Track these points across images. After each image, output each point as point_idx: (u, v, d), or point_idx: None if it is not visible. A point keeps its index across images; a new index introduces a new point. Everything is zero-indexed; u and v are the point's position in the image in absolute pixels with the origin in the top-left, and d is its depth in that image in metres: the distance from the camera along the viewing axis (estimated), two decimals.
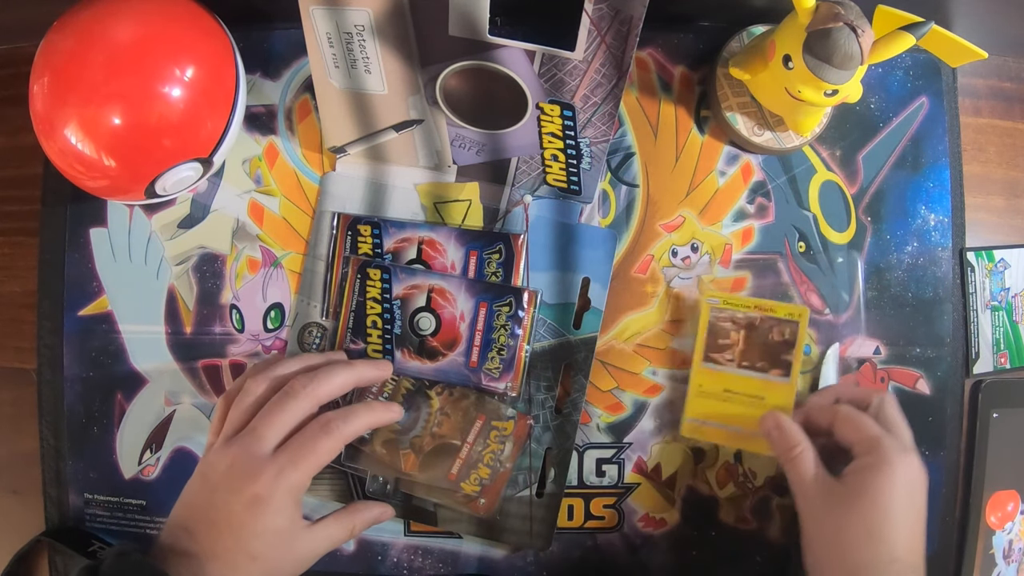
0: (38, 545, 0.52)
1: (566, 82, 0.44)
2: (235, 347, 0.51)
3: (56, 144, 0.43)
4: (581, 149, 0.47)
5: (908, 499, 0.40)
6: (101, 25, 0.42)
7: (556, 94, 0.44)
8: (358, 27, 0.43)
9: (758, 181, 0.51)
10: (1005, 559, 0.53)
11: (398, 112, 0.47)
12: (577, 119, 0.46)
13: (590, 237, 0.50)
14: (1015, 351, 0.53)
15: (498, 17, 0.42)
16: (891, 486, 0.40)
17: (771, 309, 0.49)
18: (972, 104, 0.54)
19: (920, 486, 0.41)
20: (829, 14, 0.39)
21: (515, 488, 0.49)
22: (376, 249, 0.50)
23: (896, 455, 0.41)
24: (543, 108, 0.45)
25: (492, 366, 0.48)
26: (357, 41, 0.44)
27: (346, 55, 0.44)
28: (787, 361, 0.48)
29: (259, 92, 0.51)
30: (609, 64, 0.42)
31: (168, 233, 0.52)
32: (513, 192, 0.50)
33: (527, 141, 0.48)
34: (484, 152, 0.49)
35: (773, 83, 0.45)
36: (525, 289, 0.49)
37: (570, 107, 0.45)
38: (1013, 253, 0.54)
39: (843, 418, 0.43)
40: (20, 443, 0.53)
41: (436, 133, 0.48)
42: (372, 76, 0.45)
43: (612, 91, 0.44)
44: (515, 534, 0.49)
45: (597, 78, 0.43)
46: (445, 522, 0.50)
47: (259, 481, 0.39)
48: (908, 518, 0.40)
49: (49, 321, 0.52)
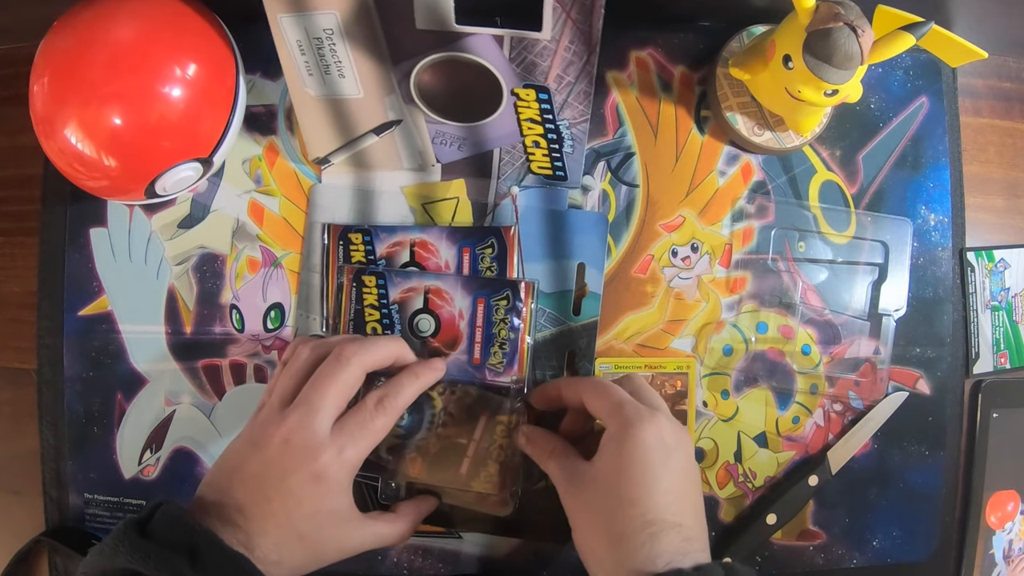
0: (38, 545, 0.52)
1: (538, 64, 0.43)
2: (235, 347, 0.51)
3: (56, 144, 0.43)
4: (561, 132, 0.47)
5: (659, 458, 0.38)
6: (101, 25, 0.42)
7: (529, 77, 0.44)
8: (327, 31, 0.43)
9: (758, 181, 0.51)
10: (1005, 559, 0.53)
11: (376, 114, 0.47)
12: (553, 101, 0.46)
13: (581, 222, 0.50)
14: (1015, 351, 0.53)
15: (463, 5, 0.42)
16: (636, 448, 0.38)
17: (660, 366, 0.50)
18: (972, 104, 0.54)
19: (674, 443, 0.39)
20: (829, 14, 0.39)
21: (531, 481, 0.48)
22: (369, 256, 0.50)
23: (638, 417, 0.39)
24: (518, 94, 0.45)
25: (495, 361, 0.48)
26: (328, 45, 0.44)
27: (318, 61, 0.44)
28: (682, 411, 0.50)
29: (259, 92, 0.51)
30: (578, 41, 0.42)
31: (168, 233, 0.52)
32: (500, 185, 0.50)
33: (507, 130, 0.48)
34: (466, 146, 0.49)
35: (773, 83, 0.45)
36: (521, 281, 0.48)
37: (545, 89, 0.45)
38: (1013, 253, 0.54)
39: (589, 388, 0.43)
40: (20, 443, 0.53)
41: (416, 132, 0.48)
42: (346, 80, 0.45)
43: (584, 68, 0.44)
44: (535, 528, 0.49)
45: (568, 56, 0.43)
46: (461, 523, 0.49)
47: (320, 460, 0.38)
48: (662, 478, 0.38)
49: (49, 321, 0.52)
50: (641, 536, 0.37)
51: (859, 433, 0.51)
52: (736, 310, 0.51)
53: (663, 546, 0.37)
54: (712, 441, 0.51)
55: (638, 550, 0.37)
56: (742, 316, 0.51)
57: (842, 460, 0.51)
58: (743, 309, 0.51)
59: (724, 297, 0.51)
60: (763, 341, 0.51)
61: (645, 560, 0.36)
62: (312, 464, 0.38)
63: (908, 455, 0.51)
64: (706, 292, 0.51)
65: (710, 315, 0.51)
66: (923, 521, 0.52)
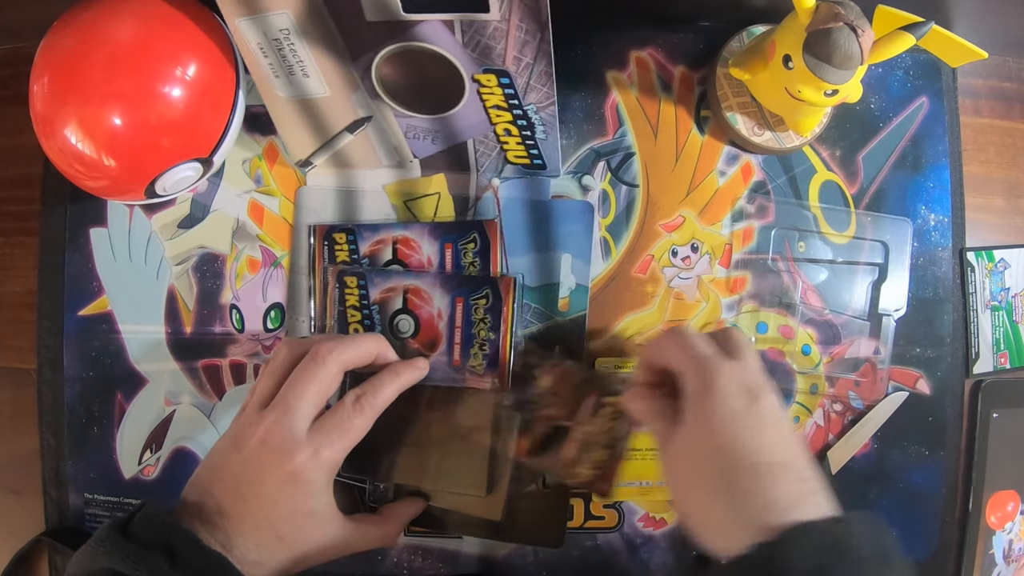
0: (38, 545, 0.52)
1: (492, 47, 0.43)
2: (235, 347, 0.51)
3: (56, 144, 0.43)
4: (530, 117, 0.47)
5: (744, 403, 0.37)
6: (101, 25, 0.42)
7: (487, 61, 0.44)
8: (283, 31, 0.43)
9: (758, 181, 0.51)
10: (1005, 559, 0.53)
11: (345, 112, 0.47)
12: (516, 84, 0.45)
13: (566, 211, 0.49)
14: (1015, 351, 0.53)
15: None
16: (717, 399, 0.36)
17: None
18: (972, 104, 0.54)
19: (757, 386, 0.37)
20: (829, 14, 0.39)
21: (520, 484, 0.48)
22: (353, 255, 0.50)
23: (715, 368, 0.37)
24: (479, 80, 0.45)
25: (475, 363, 0.47)
26: (287, 46, 0.44)
27: (281, 62, 0.44)
28: None
29: (259, 92, 0.51)
30: (528, 18, 0.42)
31: (168, 233, 0.52)
32: (480, 178, 0.50)
33: (476, 119, 0.47)
34: (439, 139, 0.49)
35: (773, 83, 0.45)
36: (501, 277, 0.48)
37: (505, 73, 0.44)
38: (1013, 253, 0.54)
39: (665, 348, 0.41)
40: (20, 443, 0.53)
41: (388, 128, 0.48)
42: (311, 80, 0.45)
43: (540, 47, 0.43)
44: (526, 532, 0.49)
45: (521, 35, 0.43)
46: (453, 527, 0.50)
47: (295, 460, 0.38)
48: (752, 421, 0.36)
49: (49, 321, 0.52)
50: (750, 482, 0.35)
51: (859, 433, 0.51)
52: (736, 310, 0.51)
53: (778, 490, 0.34)
54: None
55: (751, 496, 0.34)
56: (742, 316, 0.51)
57: (842, 460, 0.51)
58: (743, 309, 0.51)
59: (724, 297, 0.51)
60: (763, 341, 0.51)
61: (763, 507, 0.34)
62: (287, 464, 0.38)
63: (908, 455, 0.51)
64: (706, 292, 0.51)
65: (710, 315, 0.51)
66: (923, 521, 0.52)
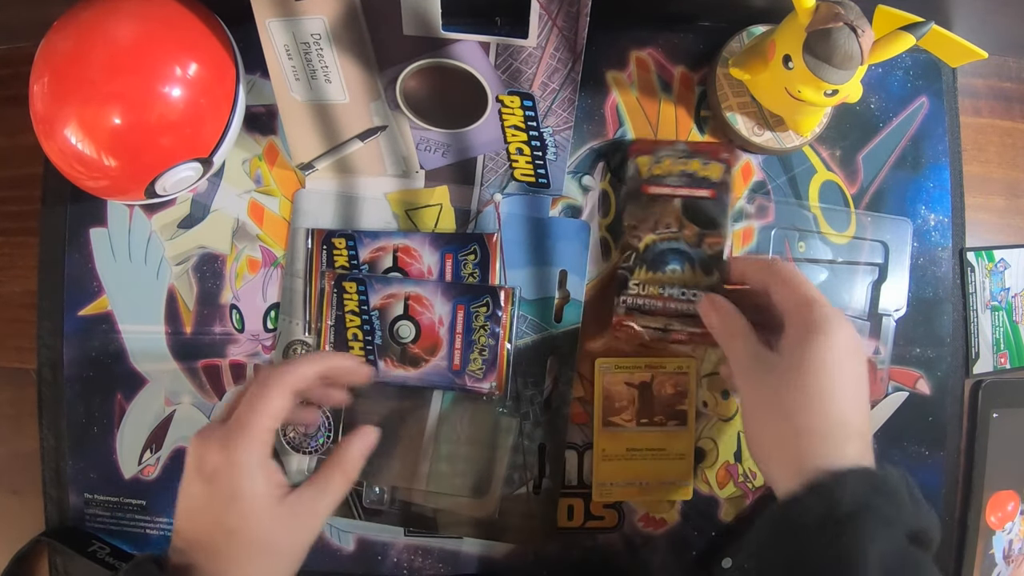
0: (38, 545, 0.52)
1: (523, 71, 0.44)
2: (235, 347, 0.51)
3: (56, 144, 0.43)
4: (545, 139, 0.47)
5: (849, 365, 0.39)
6: (101, 25, 0.42)
7: (514, 84, 0.44)
8: (315, 36, 0.43)
9: (758, 181, 0.51)
10: (1005, 559, 0.53)
11: (361, 120, 0.47)
12: (538, 108, 0.46)
13: (563, 230, 0.50)
14: (1015, 351, 0.53)
15: (450, 12, 0.42)
16: (829, 350, 0.38)
17: (660, 366, 0.49)
18: (972, 104, 0.54)
19: (860, 352, 0.40)
20: (829, 14, 0.39)
21: (511, 486, 0.49)
22: (352, 261, 0.50)
23: (834, 318, 0.39)
24: (503, 101, 0.45)
25: (475, 368, 0.48)
26: (315, 51, 0.44)
27: (305, 66, 0.44)
28: (682, 411, 0.50)
29: (259, 92, 0.51)
30: (563, 48, 0.42)
31: (168, 233, 0.52)
32: (483, 192, 0.50)
33: (491, 137, 0.48)
34: (450, 153, 0.49)
35: (773, 83, 0.45)
36: (501, 288, 0.49)
37: (530, 96, 0.45)
38: (1013, 253, 0.54)
39: (779, 277, 0.42)
40: (20, 443, 0.53)
41: (401, 138, 0.48)
42: (333, 85, 0.45)
43: (569, 75, 0.44)
44: (515, 532, 0.49)
45: (553, 63, 0.43)
46: (445, 527, 0.50)
47: (209, 454, 0.38)
48: (850, 384, 0.39)
49: (49, 321, 0.52)
50: (831, 436, 0.37)
51: None
52: None
53: (849, 449, 0.37)
54: (712, 441, 0.51)
55: (824, 443, 0.37)
56: None
57: None
58: None
59: None
60: None
61: (830, 456, 0.37)
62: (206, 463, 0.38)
63: (908, 455, 0.51)
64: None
65: None
66: None
